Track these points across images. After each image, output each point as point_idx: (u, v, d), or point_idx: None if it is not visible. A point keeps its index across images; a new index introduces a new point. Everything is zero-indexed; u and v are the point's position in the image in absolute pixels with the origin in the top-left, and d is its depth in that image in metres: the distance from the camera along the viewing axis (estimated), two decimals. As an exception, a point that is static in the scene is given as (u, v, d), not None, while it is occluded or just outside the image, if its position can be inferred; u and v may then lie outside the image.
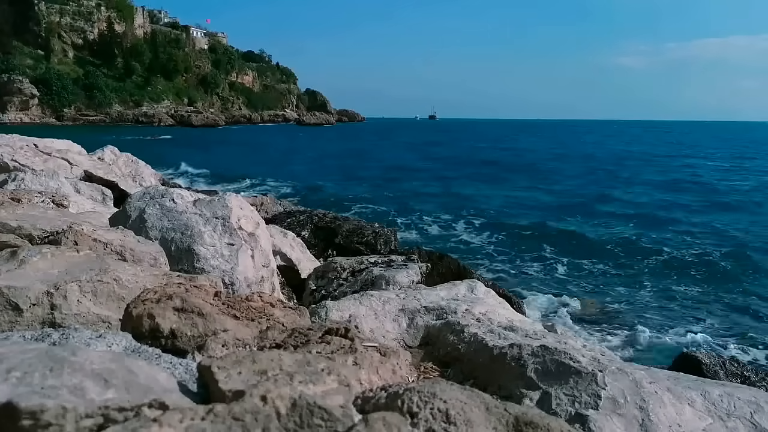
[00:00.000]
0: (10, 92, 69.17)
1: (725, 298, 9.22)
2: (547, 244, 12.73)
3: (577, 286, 9.68)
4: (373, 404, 1.05)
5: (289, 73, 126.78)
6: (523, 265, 11.12)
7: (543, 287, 9.56)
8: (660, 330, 7.81)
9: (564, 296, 9.00)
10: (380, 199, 19.41)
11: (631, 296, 9.23)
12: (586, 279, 10.19)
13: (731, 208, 18.63)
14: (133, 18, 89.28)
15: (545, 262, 11.25)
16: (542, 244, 12.71)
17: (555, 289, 9.43)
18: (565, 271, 10.72)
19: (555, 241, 12.93)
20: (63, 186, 4.89)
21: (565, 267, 10.94)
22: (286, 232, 5.43)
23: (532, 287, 9.55)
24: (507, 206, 18.65)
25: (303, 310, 1.92)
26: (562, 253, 11.84)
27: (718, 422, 1.96)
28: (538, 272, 10.63)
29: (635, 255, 11.83)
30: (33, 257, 1.95)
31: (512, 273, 10.56)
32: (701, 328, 7.95)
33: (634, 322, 8.02)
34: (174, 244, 3.13)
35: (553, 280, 10.11)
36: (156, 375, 1.05)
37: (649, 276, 10.40)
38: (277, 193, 17.84)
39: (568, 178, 27.46)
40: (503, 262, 11.30)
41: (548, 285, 9.73)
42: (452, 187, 23.35)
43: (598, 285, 9.84)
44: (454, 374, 2.38)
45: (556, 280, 10.11)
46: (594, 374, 2.00)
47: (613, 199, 20.71)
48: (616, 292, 9.44)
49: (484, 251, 12.28)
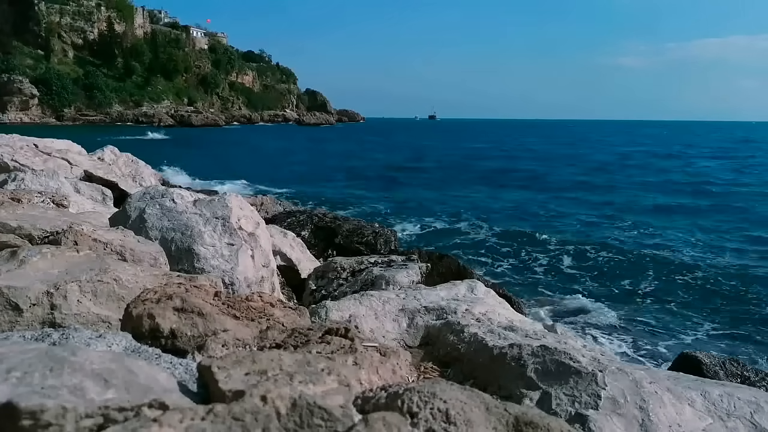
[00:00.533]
0: (10, 92, 69.20)
1: (726, 299, 9.21)
2: (548, 244, 12.72)
3: (577, 287, 9.68)
4: (373, 404, 1.05)
5: (289, 73, 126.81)
6: (523, 266, 11.11)
7: (543, 287, 9.56)
8: (660, 330, 7.81)
9: (564, 296, 9.00)
10: (380, 199, 19.41)
11: (632, 296, 9.23)
12: (586, 279, 10.19)
13: (733, 209, 18.57)
14: (133, 18, 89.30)
15: (545, 263, 11.24)
16: (542, 245, 12.71)
17: (555, 289, 9.43)
18: (566, 271, 10.72)
19: (555, 242, 12.93)
20: (63, 186, 4.89)
21: (565, 267, 10.94)
22: (286, 232, 5.43)
23: (533, 287, 9.55)
24: (507, 207, 18.65)
25: (303, 310, 1.92)
26: (563, 254, 11.84)
27: (718, 422, 1.96)
28: (538, 272, 10.62)
29: (635, 256, 11.82)
30: (33, 257, 1.95)
31: (512, 273, 10.56)
32: (701, 329, 7.95)
33: (634, 322, 8.02)
34: (174, 244, 3.13)
35: (553, 280, 10.11)
36: (156, 375, 1.05)
37: (650, 276, 10.40)
38: (277, 193, 17.84)
39: (569, 178, 27.46)
40: (503, 263, 11.30)
41: (548, 285, 9.73)
42: (452, 187, 23.35)
43: (598, 285, 9.84)
44: (454, 374, 2.38)
45: (557, 280, 10.11)
46: (594, 374, 2.00)
47: (614, 199, 20.70)
48: (616, 292, 9.44)
49: (484, 251, 12.27)
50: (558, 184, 25.16)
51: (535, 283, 9.85)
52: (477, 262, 10.75)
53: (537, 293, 9.12)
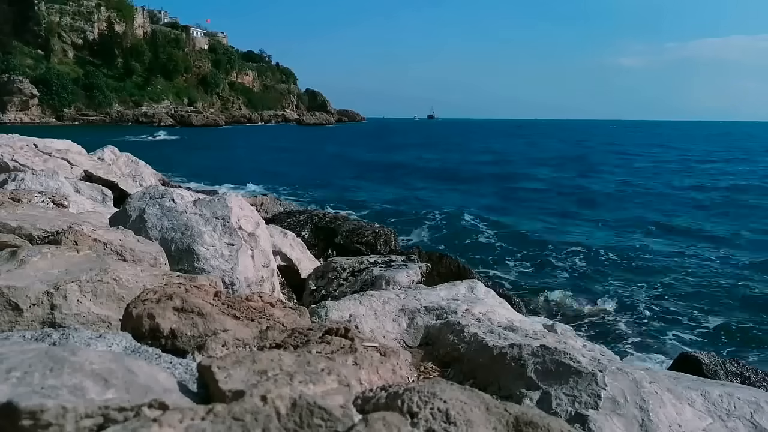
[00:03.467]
0: (10, 92, 69.20)
1: (726, 299, 9.21)
2: (548, 244, 12.72)
3: (578, 287, 9.67)
4: (373, 404, 1.05)
5: (289, 73, 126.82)
6: (523, 266, 11.11)
7: (544, 287, 9.56)
8: (660, 330, 7.81)
9: (564, 296, 9.00)
10: (379, 199, 19.41)
11: (632, 297, 9.23)
12: (586, 279, 10.19)
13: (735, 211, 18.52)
14: (133, 18, 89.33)
15: (546, 263, 11.24)
16: (542, 245, 12.71)
17: (555, 290, 9.42)
18: (566, 271, 10.72)
19: (555, 242, 12.93)
20: (63, 186, 4.89)
21: (565, 268, 10.94)
22: (286, 232, 5.43)
23: (533, 287, 9.55)
24: (507, 207, 18.65)
25: (303, 310, 1.92)
26: (563, 254, 11.84)
27: (718, 422, 1.96)
28: (538, 272, 10.63)
29: (636, 256, 11.83)
30: (33, 257, 1.95)
31: (512, 273, 10.56)
32: (701, 329, 7.95)
33: (635, 323, 8.02)
34: (174, 244, 3.13)
35: (553, 280, 10.11)
36: (156, 375, 1.05)
37: (650, 277, 10.40)
38: (277, 193, 17.84)
39: (569, 178, 27.45)
40: (503, 263, 11.30)
41: (549, 285, 9.73)
42: (452, 187, 23.35)
43: (598, 285, 9.84)
44: (454, 374, 2.38)
45: (557, 280, 10.11)
46: (594, 374, 2.00)
47: (613, 199, 20.70)
48: (617, 292, 9.44)
49: (484, 251, 12.27)
50: (559, 183, 25.18)
51: (535, 283, 9.85)
52: (477, 262, 10.75)
53: (537, 293, 9.12)
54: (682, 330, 7.89)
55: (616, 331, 7.70)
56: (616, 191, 22.88)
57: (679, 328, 7.97)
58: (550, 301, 8.77)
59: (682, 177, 29.18)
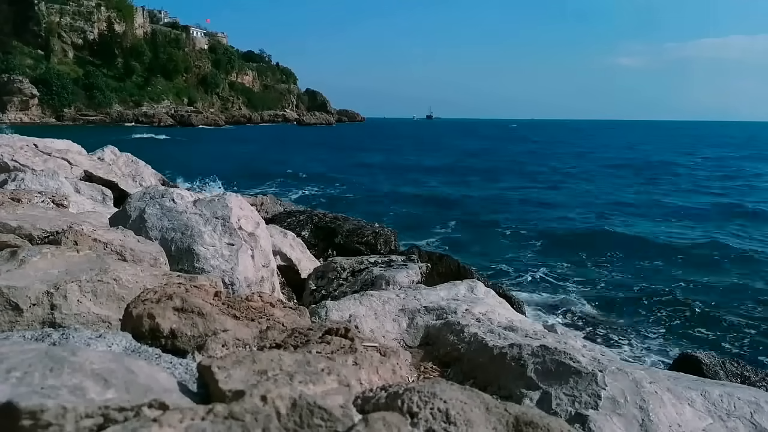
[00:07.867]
0: (10, 92, 69.19)
1: (726, 299, 9.21)
2: (548, 244, 12.73)
3: (578, 287, 9.67)
4: (373, 404, 1.05)
5: (289, 73, 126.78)
6: (523, 265, 11.11)
7: (544, 287, 9.56)
8: (660, 330, 7.81)
9: (564, 296, 9.00)
10: (379, 199, 19.41)
11: (632, 297, 9.23)
12: (587, 280, 10.18)
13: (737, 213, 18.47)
14: (133, 18, 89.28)
15: (546, 263, 11.24)
16: (543, 245, 12.71)
17: (555, 290, 9.42)
18: (566, 271, 10.71)
19: (555, 242, 12.93)
20: (63, 186, 4.89)
21: (566, 268, 10.93)
22: (286, 232, 5.43)
23: (533, 287, 9.54)
24: (507, 207, 18.65)
25: (303, 310, 1.92)
26: (563, 254, 11.84)
27: (718, 422, 1.96)
28: (538, 272, 10.62)
29: (636, 256, 11.82)
30: (33, 257, 1.94)
31: (512, 273, 10.55)
32: (701, 329, 7.95)
33: (635, 323, 8.02)
34: (174, 244, 3.13)
35: (553, 280, 10.11)
36: (156, 375, 1.05)
37: (650, 277, 10.40)
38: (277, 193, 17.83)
39: (569, 179, 27.46)
40: (503, 263, 11.29)
41: (549, 285, 9.73)
42: (453, 187, 23.35)
43: (598, 286, 9.83)
44: (454, 374, 2.38)
45: (557, 280, 10.10)
46: (594, 374, 2.00)
47: (614, 199, 20.70)
48: (617, 292, 9.44)
49: (485, 251, 12.27)
50: (559, 184, 25.17)
51: (536, 283, 9.85)
52: (477, 263, 10.75)
53: (537, 293, 9.12)
54: (681, 330, 7.89)
55: (616, 331, 7.70)
56: (622, 192, 22.89)
57: (678, 328, 7.97)
58: (551, 301, 8.77)
59: (686, 176, 29.22)
